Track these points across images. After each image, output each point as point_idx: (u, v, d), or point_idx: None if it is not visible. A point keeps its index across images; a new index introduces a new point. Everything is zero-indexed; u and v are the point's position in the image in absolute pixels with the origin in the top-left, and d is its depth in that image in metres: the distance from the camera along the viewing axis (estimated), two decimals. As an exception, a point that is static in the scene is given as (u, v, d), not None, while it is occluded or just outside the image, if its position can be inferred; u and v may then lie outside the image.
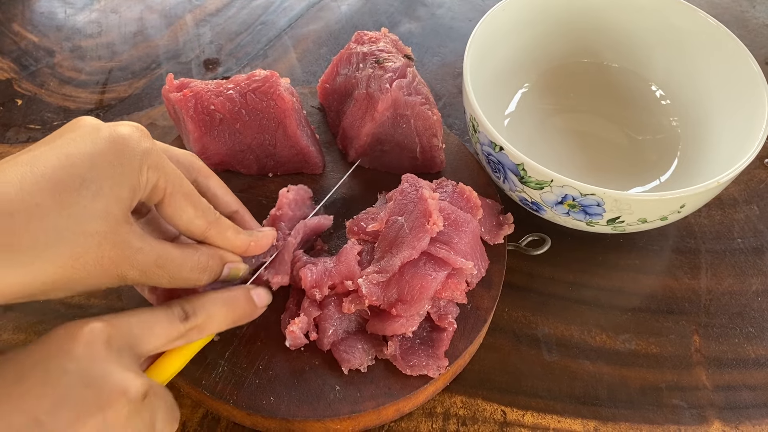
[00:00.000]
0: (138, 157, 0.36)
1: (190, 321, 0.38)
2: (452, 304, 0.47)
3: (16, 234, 0.32)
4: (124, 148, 0.36)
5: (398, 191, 0.48)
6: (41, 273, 0.33)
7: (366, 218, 0.50)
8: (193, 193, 0.40)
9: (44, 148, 0.34)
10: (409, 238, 0.45)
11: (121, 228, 0.35)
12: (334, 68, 0.58)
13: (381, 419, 0.45)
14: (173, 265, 0.38)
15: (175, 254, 0.38)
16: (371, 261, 0.47)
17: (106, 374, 0.32)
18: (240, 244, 0.43)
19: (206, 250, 0.41)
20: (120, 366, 0.33)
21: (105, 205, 0.34)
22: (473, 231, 0.47)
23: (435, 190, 0.50)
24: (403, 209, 0.47)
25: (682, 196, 0.47)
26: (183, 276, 0.39)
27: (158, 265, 0.37)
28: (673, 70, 0.61)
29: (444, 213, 0.46)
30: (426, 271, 0.44)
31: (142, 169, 0.36)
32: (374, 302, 0.44)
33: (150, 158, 0.36)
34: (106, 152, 0.35)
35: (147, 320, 0.36)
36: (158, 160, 0.37)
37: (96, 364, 0.33)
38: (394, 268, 0.44)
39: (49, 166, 0.33)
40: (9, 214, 0.31)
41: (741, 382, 0.50)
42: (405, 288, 0.44)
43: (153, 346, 0.36)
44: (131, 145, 0.36)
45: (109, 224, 0.34)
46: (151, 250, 0.37)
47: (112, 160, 0.35)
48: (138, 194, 0.36)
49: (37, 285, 0.33)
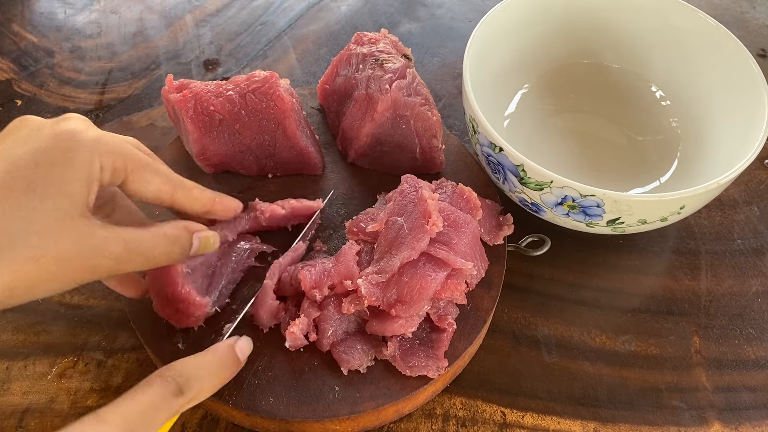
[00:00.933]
0: (87, 148, 0.36)
1: (185, 396, 0.37)
2: (452, 304, 0.47)
3: None
4: (70, 143, 0.35)
5: (398, 192, 0.48)
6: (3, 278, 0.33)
7: (365, 219, 0.49)
8: (152, 163, 0.40)
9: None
10: (409, 238, 0.45)
11: (77, 222, 0.35)
12: (333, 69, 0.58)
13: (380, 420, 0.45)
14: (145, 246, 0.38)
15: (143, 235, 0.38)
16: (371, 261, 0.47)
17: None
18: (206, 201, 0.44)
19: (171, 223, 0.41)
20: None
21: (54, 204, 0.34)
22: (473, 232, 0.47)
23: (435, 190, 0.50)
24: (402, 210, 0.47)
25: (682, 197, 0.47)
26: (157, 253, 0.39)
27: (130, 249, 0.37)
28: (673, 71, 0.61)
29: (444, 214, 0.46)
30: (425, 271, 0.44)
31: (94, 158, 0.36)
32: (373, 303, 0.44)
33: (100, 145, 0.36)
34: (51, 150, 0.35)
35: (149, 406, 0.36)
36: (110, 145, 0.37)
37: None
38: (394, 268, 0.44)
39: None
40: None
41: (741, 384, 0.50)
42: (404, 288, 0.44)
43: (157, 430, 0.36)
44: (77, 139, 0.36)
45: (63, 222, 0.34)
46: (117, 236, 0.37)
47: (57, 158, 0.35)
48: (95, 184, 0.36)
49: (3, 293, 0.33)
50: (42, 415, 0.46)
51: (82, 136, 0.36)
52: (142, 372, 0.48)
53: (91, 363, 0.49)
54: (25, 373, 0.49)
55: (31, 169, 0.34)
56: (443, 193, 0.50)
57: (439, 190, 0.50)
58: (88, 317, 0.52)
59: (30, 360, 0.49)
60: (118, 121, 0.65)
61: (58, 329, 0.51)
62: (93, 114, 0.67)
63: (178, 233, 0.41)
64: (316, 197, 0.53)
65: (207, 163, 0.54)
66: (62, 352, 0.50)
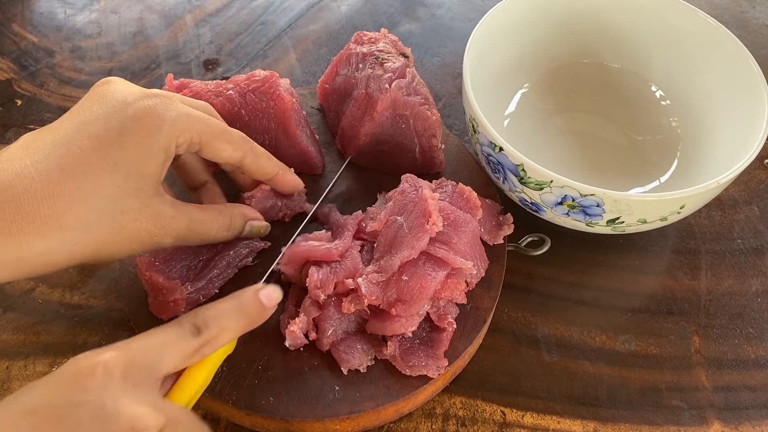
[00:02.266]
0: (167, 130, 0.39)
1: (203, 335, 0.37)
2: (452, 304, 0.47)
3: (63, 216, 0.36)
4: (152, 127, 0.39)
5: (398, 191, 0.48)
6: (85, 247, 0.37)
7: (365, 218, 0.49)
8: (224, 132, 0.43)
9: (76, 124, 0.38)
10: (409, 237, 0.45)
11: (153, 201, 0.39)
12: (333, 69, 0.58)
13: (380, 420, 0.45)
14: (202, 227, 0.43)
15: (203, 217, 0.43)
16: (371, 261, 0.47)
17: (119, 409, 0.32)
18: (270, 171, 0.47)
19: (230, 211, 0.45)
20: (135, 399, 0.32)
21: (136, 184, 0.38)
22: (473, 231, 0.47)
23: (435, 190, 0.50)
24: (402, 209, 0.47)
25: (681, 196, 0.47)
26: (211, 235, 0.44)
27: (190, 229, 0.42)
28: (673, 71, 0.61)
29: (443, 213, 0.46)
30: (425, 270, 0.44)
31: (172, 140, 0.39)
32: (374, 302, 0.44)
33: (179, 125, 0.40)
34: (135, 132, 0.38)
35: (160, 342, 0.36)
36: (186, 122, 0.40)
37: (110, 398, 0.32)
38: (394, 267, 0.44)
39: (85, 149, 0.37)
40: (52, 196, 0.36)
41: (741, 383, 0.50)
42: (404, 288, 0.44)
43: (169, 368, 0.35)
44: (158, 121, 0.39)
45: (141, 200, 0.38)
46: (183, 216, 0.41)
47: (140, 140, 0.38)
48: (169, 161, 0.40)
49: (79, 257, 0.37)
50: (42, 414, 0.46)
51: (164, 117, 0.39)
52: (142, 371, 0.49)
53: (91, 362, 0.49)
54: (26, 372, 0.49)
55: (116, 149, 0.37)
56: (443, 193, 0.50)
57: (440, 190, 0.50)
58: (88, 317, 0.52)
59: (30, 360, 0.49)
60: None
61: (58, 329, 0.51)
62: (93, 114, 0.67)
63: (234, 220, 0.45)
64: (316, 197, 0.53)
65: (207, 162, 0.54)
66: (62, 351, 0.50)
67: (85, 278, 0.54)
